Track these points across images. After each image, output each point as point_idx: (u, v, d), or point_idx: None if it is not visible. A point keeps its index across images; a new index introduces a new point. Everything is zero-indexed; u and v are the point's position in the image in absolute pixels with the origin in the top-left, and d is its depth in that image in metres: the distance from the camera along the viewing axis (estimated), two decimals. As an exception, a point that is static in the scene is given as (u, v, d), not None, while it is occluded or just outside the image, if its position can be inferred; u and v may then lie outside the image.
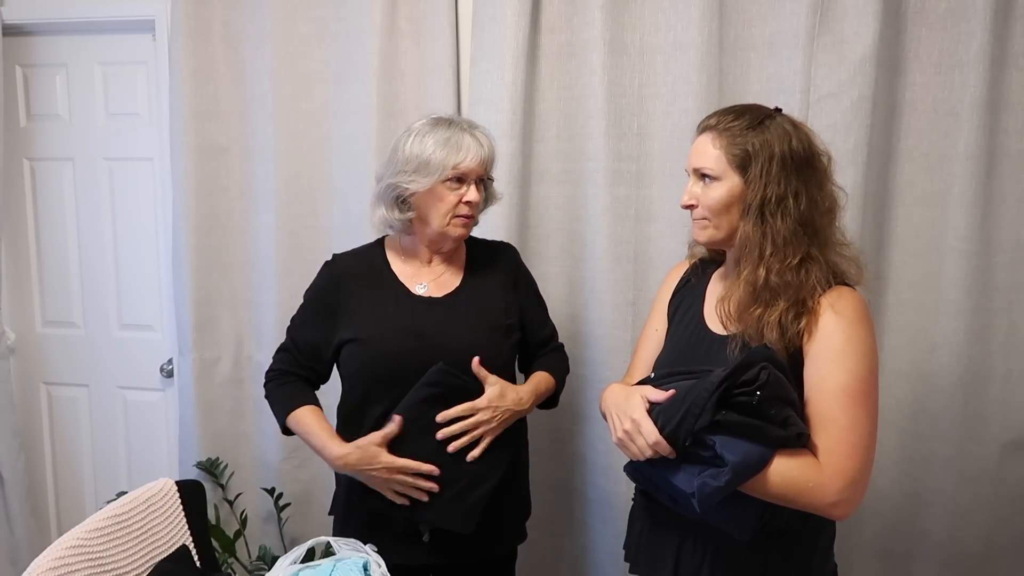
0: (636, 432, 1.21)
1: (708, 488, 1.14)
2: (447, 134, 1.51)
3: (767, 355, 1.16)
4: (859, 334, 1.20)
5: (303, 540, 1.42)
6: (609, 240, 1.98)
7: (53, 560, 1.29)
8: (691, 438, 1.16)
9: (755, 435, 1.14)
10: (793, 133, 1.24)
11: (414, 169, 1.50)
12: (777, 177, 1.22)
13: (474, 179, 1.52)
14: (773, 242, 1.21)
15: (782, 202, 1.21)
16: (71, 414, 2.69)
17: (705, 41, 1.85)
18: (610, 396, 1.32)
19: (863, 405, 1.18)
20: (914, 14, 1.80)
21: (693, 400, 1.16)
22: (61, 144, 2.55)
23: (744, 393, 1.14)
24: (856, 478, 1.16)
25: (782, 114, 1.29)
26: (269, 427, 2.32)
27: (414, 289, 1.59)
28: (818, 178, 1.25)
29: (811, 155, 1.25)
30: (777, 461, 1.16)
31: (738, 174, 1.24)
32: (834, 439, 1.17)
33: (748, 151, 1.23)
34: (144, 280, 2.56)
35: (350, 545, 1.38)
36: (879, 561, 1.93)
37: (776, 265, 1.21)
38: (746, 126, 1.25)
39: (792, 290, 1.21)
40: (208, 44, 2.22)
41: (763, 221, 1.22)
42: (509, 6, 1.95)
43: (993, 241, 1.79)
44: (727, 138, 1.25)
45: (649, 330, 1.49)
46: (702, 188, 1.29)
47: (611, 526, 2.03)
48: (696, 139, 1.31)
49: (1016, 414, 1.84)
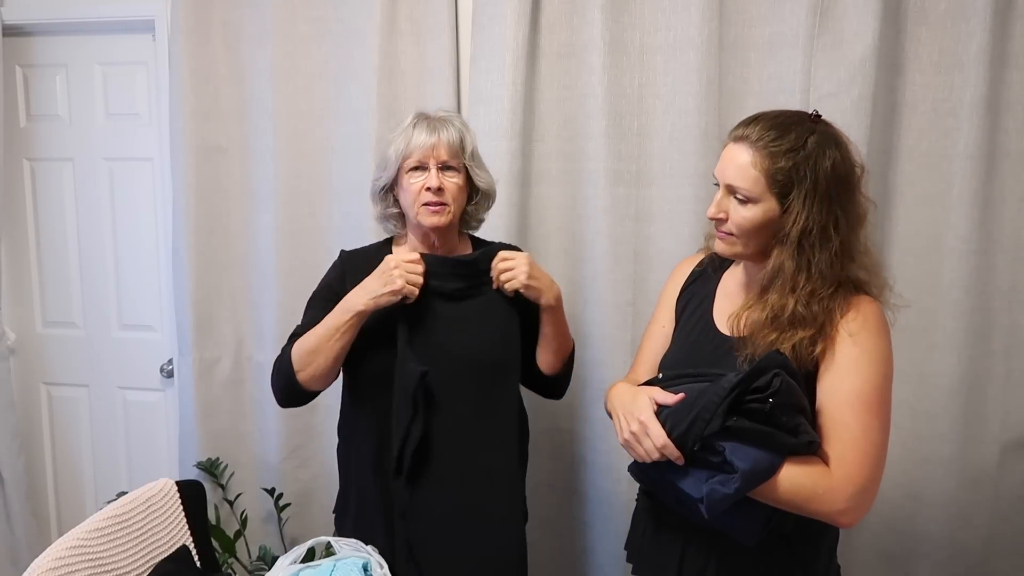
0: (643, 434, 1.20)
1: (717, 495, 1.13)
2: (407, 125, 1.57)
3: (780, 361, 1.15)
4: (875, 343, 1.18)
5: (303, 540, 1.42)
6: (609, 240, 1.98)
7: (53, 560, 1.29)
8: (700, 443, 1.15)
9: (765, 442, 1.14)
10: (836, 151, 1.17)
11: (379, 166, 1.60)
12: (820, 206, 1.16)
13: (436, 165, 1.53)
14: (809, 274, 1.17)
15: (824, 232, 1.16)
16: (71, 414, 2.69)
17: (705, 41, 1.85)
18: (616, 396, 1.31)
19: (876, 413, 1.17)
20: (914, 14, 1.80)
21: (704, 405, 1.14)
22: (61, 144, 2.55)
23: (756, 400, 1.12)
24: (866, 486, 1.15)
25: (822, 122, 1.21)
26: (269, 427, 2.33)
27: None
28: (854, 196, 1.20)
29: (850, 172, 1.19)
30: (787, 468, 1.15)
31: (776, 200, 1.18)
32: (845, 446, 1.16)
33: (792, 178, 1.16)
34: (144, 280, 2.56)
35: (350, 545, 1.38)
36: (880, 561, 1.93)
37: (806, 298, 1.17)
38: (789, 148, 1.17)
39: (816, 320, 1.18)
40: (208, 44, 2.21)
41: (801, 252, 1.17)
42: (509, 6, 1.95)
43: (993, 241, 1.79)
44: (768, 160, 1.17)
45: (656, 326, 1.46)
46: (733, 205, 1.22)
47: (611, 526, 2.03)
48: (729, 147, 1.23)
49: (1016, 414, 1.84)
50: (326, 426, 2.25)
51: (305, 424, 2.28)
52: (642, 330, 1.54)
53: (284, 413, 2.27)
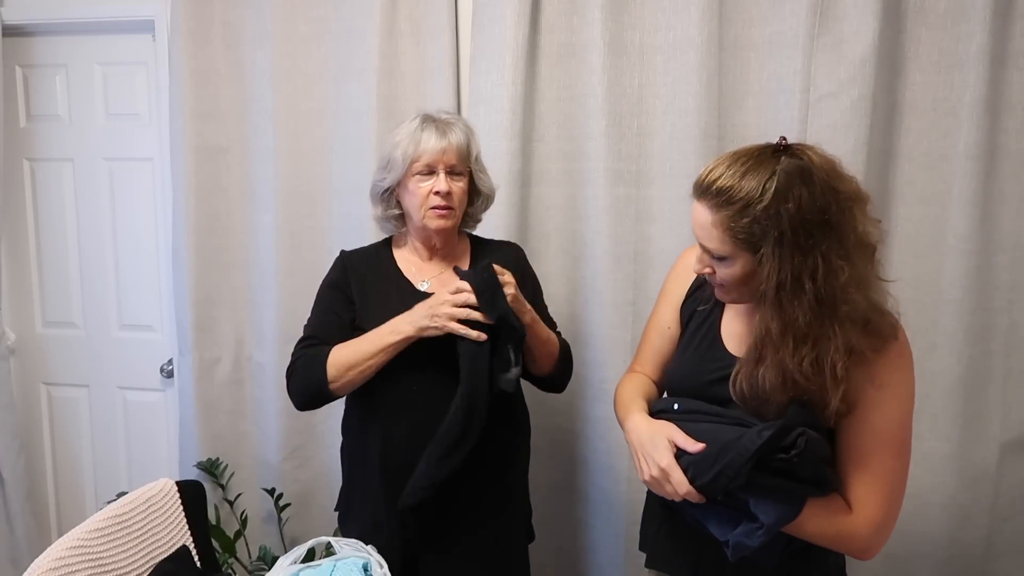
0: (665, 480, 1.18)
1: (744, 547, 1.15)
2: (414, 127, 1.55)
3: (805, 419, 1.12)
4: (900, 379, 1.15)
5: (303, 540, 1.42)
6: (609, 240, 1.98)
7: (54, 560, 1.29)
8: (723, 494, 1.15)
9: (789, 496, 1.14)
10: (803, 187, 1.05)
11: (383, 167, 1.58)
12: (792, 255, 1.07)
13: (444, 170, 1.53)
14: (794, 335, 1.10)
15: (797, 283, 1.08)
16: (71, 414, 2.69)
17: (705, 41, 1.85)
18: (634, 432, 1.27)
19: (898, 453, 1.16)
20: (914, 14, 1.80)
21: (728, 462, 1.12)
22: (61, 144, 2.55)
23: (780, 460, 1.11)
24: (887, 524, 1.16)
25: (789, 152, 1.09)
26: (269, 427, 2.33)
27: (418, 286, 1.60)
28: (840, 229, 1.07)
29: (827, 205, 1.06)
30: (809, 512, 1.15)
31: (750, 253, 1.11)
32: (867, 488, 1.15)
33: (755, 232, 1.08)
34: (144, 280, 2.56)
35: (351, 545, 1.38)
36: (880, 561, 1.93)
37: (796, 362, 1.11)
38: (745, 202, 1.08)
39: (821, 385, 1.12)
40: (208, 44, 2.22)
41: (782, 310, 1.10)
42: (509, 6, 1.95)
43: (993, 240, 1.79)
44: (726, 219, 1.10)
45: (660, 325, 1.43)
46: (715, 262, 1.18)
47: (611, 526, 2.03)
48: (694, 204, 1.16)
49: (1016, 414, 1.84)
50: (326, 426, 2.26)
51: (305, 424, 2.28)
52: (642, 330, 1.54)
53: (284, 413, 2.27)
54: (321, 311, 1.61)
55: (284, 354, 2.22)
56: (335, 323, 1.57)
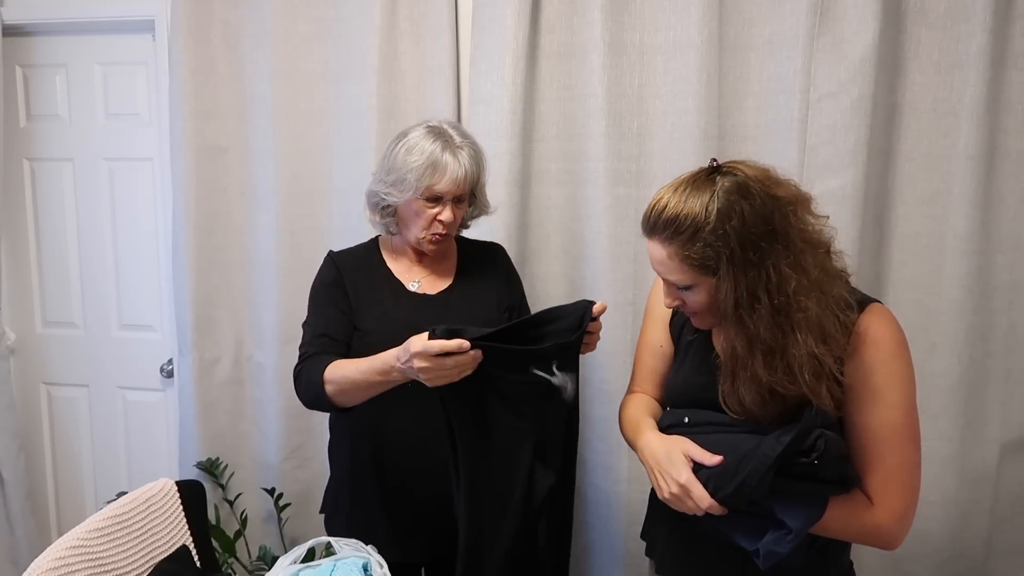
0: (686, 496, 1.17)
1: (775, 555, 1.14)
2: (431, 150, 1.49)
3: (821, 420, 1.13)
4: (898, 364, 1.16)
5: (303, 540, 1.42)
6: (609, 240, 1.98)
7: (53, 560, 1.29)
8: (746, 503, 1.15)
9: (812, 497, 1.14)
10: (743, 202, 1.09)
11: (392, 182, 1.52)
12: (746, 270, 1.10)
13: (450, 199, 1.53)
14: (761, 349, 1.12)
15: (752, 296, 1.11)
16: (71, 414, 2.69)
17: (705, 41, 1.85)
18: (648, 450, 1.26)
19: (909, 438, 1.16)
20: (914, 14, 1.80)
21: (749, 472, 1.12)
22: (61, 144, 2.54)
23: (802, 464, 1.12)
24: (909, 510, 1.17)
25: (723, 172, 1.14)
26: (269, 427, 2.33)
27: (408, 286, 1.61)
28: (786, 234, 1.11)
29: (769, 215, 1.10)
30: (833, 510, 1.15)
31: (709, 276, 1.14)
32: (884, 479, 1.16)
33: (709, 255, 1.11)
34: (144, 280, 2.55)
35: (350, 545, 1.38)
36: (880, 561, 1.93)
37: (769, 375, 1.13)
38: (693, 229, 1.11)
39: (800, 392, 1.13)
40: (208, 44, 2.22)
41: (743, 326, 1.13)
42: (509, 6, 1.95)
43: (993, 241, 1.79)
44: (680, 248, 1.14)
45: (652, 345, 1.43)
46: (682, 292, 1.20)
47: (611, 526, 2.03)
48: (647, 243, 1.20)
49: (1016, 414, 1.84)
50: (326, 426, 2.23)
51: (305, 424, 2.28)
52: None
53: (284, 413, 2.27)
54: (322, 307, 1.60)
55: (284, 354, 2.23)
56: (339, 317, 1.56)
